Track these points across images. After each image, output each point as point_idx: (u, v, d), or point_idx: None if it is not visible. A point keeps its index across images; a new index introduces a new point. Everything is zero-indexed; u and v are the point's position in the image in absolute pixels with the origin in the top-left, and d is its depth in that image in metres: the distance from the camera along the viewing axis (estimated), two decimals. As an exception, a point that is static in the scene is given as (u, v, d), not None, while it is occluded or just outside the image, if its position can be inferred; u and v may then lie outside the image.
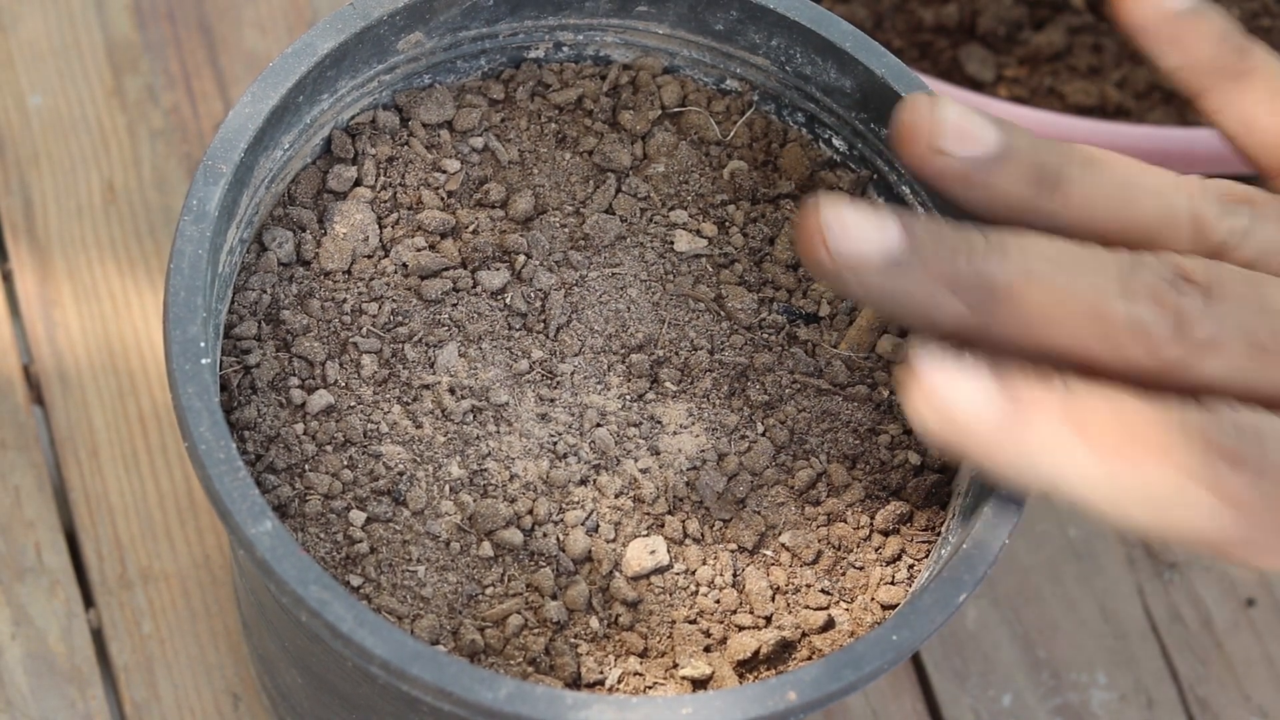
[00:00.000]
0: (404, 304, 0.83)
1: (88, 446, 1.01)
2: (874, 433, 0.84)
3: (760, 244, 0.87)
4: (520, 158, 0.87)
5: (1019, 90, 1.12)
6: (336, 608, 0.72)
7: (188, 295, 0.76)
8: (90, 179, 1.07)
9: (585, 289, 0.85)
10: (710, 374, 0.84)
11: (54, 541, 0.99)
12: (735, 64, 0.88)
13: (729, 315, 0.85)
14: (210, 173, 0.79)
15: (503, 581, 0.80)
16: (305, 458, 0.80)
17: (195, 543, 1.00)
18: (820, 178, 0.88)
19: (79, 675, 0.97)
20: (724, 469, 0.82)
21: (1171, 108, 1.12)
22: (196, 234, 0.77)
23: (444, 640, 0.78)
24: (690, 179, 0.88)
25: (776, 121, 0.89)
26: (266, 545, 0.73)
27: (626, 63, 0.89)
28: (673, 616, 0.80)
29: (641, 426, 0.83)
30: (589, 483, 0.81)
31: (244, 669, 0.98)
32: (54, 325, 1.03)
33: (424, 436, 0.81)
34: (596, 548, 0.80)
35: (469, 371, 0.82)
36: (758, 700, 0.73)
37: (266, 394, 0.81)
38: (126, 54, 1.10)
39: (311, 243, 0.84)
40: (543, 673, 0.78)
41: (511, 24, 0.87)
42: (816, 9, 0.86)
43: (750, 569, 0.81)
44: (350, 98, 0.85)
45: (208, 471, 0.74)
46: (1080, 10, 1.15)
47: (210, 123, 1.09)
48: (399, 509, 0.80)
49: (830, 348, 0.85)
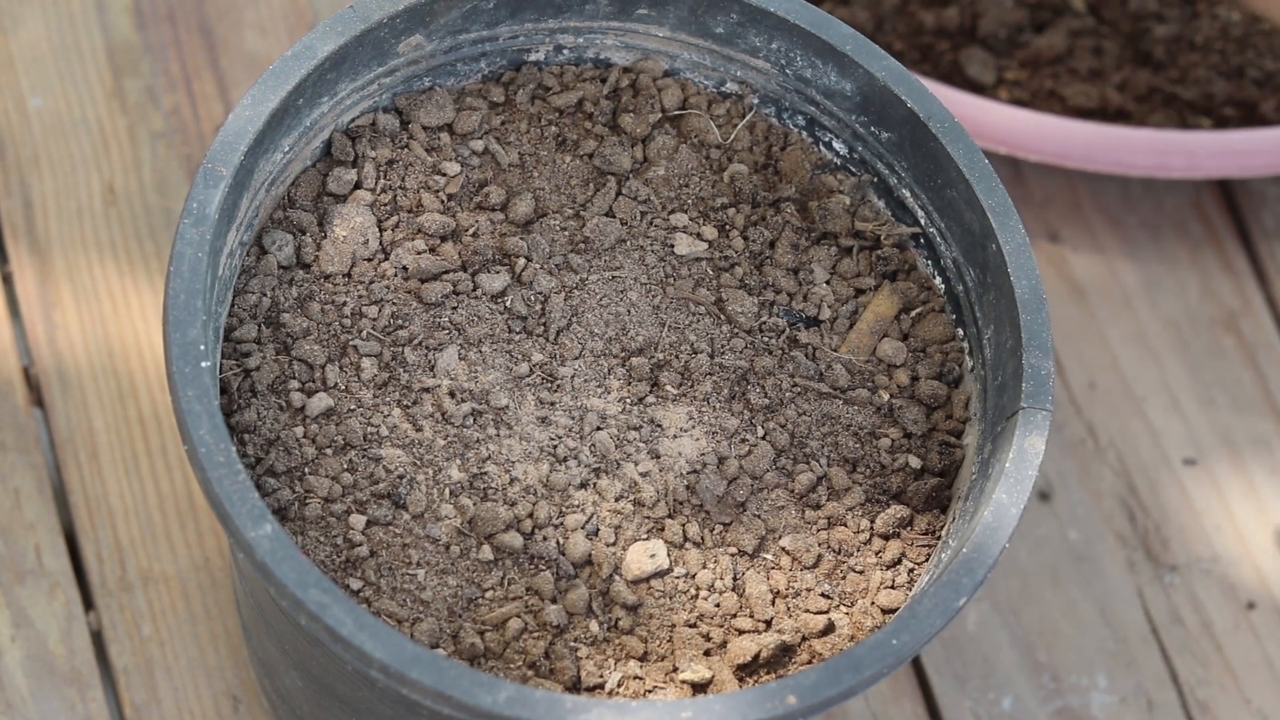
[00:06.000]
0: (404, 307, 0.83)
1: (88, 449, 1.01)
2: (874, 436, 0.84)
3: (761, 247, 0.87)
4: (520, 161, 0.87)
5: (1020, 93, 1.12)
6: (336, 611, 0.72)
7: (188, 298, 0.76)
8: (90, 181, 1.07)
9: (585, 292, 0.85)
10: (711, 377, 0.84)
11: (54, 544, 0.99)
12: (735, 67, 0.88)
13: (729, 319, 0.85)
14: (210, 175, 0.79)
15: (502, 585, 0.80)
16: (305, 461, 0.80)
17: (195, 545, 1.00)
18: (820, 181, 0.88)
19: (79, 677, 0.97)
20: (724, 472, 0.82)
21: (1172, 110, 1.12)
22: (196, 237, 0.77)
23: (444, 644, 0.78)
24: (690, 182, 0.88)
25: (777, 125, 0.89)
26: (266, 548, 0.73)
27: (627, 65, 0.89)
28: (673, 620, 0.80)
29: (642, 430, 0.83)
30: (589, 486, 0.81)
31: (244, 672, 0.98)
32: (54, 327, 1.03)
33: (424, 440, 0.81)
34: (596, 551, 0.80)
35: (469, 375, 0.82)
36: (758, 704, 0.73)
37: (266, 397, 0.81)
38: (127, 56, 1.10)
39: (311, 246, 0.84)
40: (542, 676, 0.78)
41: (512, 27, 0.87)
42: (817, 12, 0.86)
43: (750, 573, 0.81)
44: (350, 100, 0.85)
45: (207, 474, 0.74)
46: (1081, 13, 1.15)
47: (211, 125, 1.09)
48: (399, 512, 0.80)
49: (831, 351, 0.85)
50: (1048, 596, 1.04)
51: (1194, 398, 1.10)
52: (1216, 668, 1.04)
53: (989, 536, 0.77)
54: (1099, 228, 1.13)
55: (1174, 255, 1.13)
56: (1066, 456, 1.07)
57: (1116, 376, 1.10)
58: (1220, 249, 1.13)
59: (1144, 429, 1.09)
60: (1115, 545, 1.06)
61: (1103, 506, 1.07)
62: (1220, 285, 1.12)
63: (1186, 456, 1.08)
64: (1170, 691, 1.03)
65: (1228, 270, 1.13)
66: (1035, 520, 1.06)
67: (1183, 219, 1.14)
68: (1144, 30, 1.14)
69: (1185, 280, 1.12)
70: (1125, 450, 1.08)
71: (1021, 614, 1.04)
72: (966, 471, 0.83)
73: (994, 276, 0.83)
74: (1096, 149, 1.08)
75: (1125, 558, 1.06)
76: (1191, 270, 1.12)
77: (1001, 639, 1.03)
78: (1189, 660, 1.04)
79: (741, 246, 0.87)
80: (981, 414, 0.83)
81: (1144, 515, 1.07)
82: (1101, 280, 1.12)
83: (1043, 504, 1.06)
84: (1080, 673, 1.03)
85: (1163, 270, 1.12)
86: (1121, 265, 1.12)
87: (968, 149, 0.84)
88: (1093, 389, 1.09)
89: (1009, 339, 0.82)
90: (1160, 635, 1.04)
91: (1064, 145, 1.08)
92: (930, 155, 0.85)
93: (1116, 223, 1.13)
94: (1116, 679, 1.03)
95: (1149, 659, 1.04)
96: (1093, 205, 1.13)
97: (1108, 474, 1.07)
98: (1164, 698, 1.03)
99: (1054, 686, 1.02)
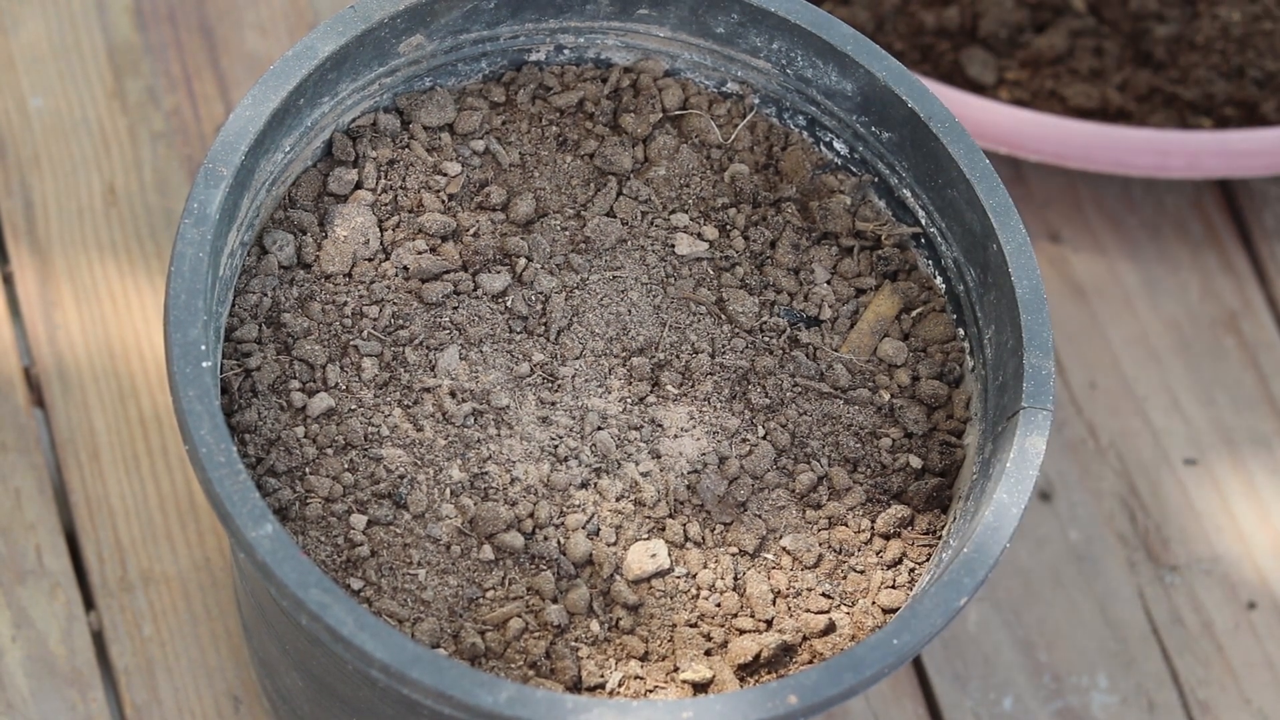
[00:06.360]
0: (405, 307, 0.83)
1: (88, 449, 1.01)
2: (875, 436, 0.84)
3: (762, 247, 0.87)
4: (521, 160, 0.87)
5: (1020, 93, 1.12)
6: (337, 611, 0.72)
7: (188, 298, 0.76)
8: (91, 181, 1.07)
9: (586, 292, 0.85)
10: (711, 377, 0.84)
11: (55, 544, 0.99)
12: (736, 67, 0.88)
13: (730, 319, 0.85)
14: (211, 175, 0.79)
15: (503, 585, 0.80)
16: (306, 461, 0.80)
17: (196, 545, 1.00)
18: (821, 181, 0.88)
19: (79, 678, 0.97)
20: (725, 472, 0.82)
21: (1173, 111, 1.12)
22: (197, 237, 0.77)
23: (444, 643, 0.78)
24: (691, 182, 0.88)
25: (778, 125, 0.89)
26: (267, 548, 0.73)
27: (628, 65, 0.89)
28: (673, 620, 0.80)
29: (643, 430, 0.83)
30: (590, 486, 0.81)
31: (245, 672, 0.98)
32: (55, 327, 1.03)
33: (425, 439, 0.81)
34: (597, 551, 0.80)
35: (470, 374, 0.82)
36: (758, 704, 0.73)
37: (267, 397, 0.81)
38: (127, 56, 1.10)
39: (312, 246, 0.84)
40: (543, 676, 0.78)
41: (512, 27, 0.87)
42: (817, 12, 0.86)
43: (751, 572, 0.81)
44: (351, 100, 0.85)
45: (208, 475, 0.74)
46: (1082, 13, 1.15)
47: (211, 125, 1.09)
48: (400, 512, 0.80)
49: (832, 351, 0.85)
50: (1048, 596, 1.04)
51: (1195, 398, 1.10)
52: (1217, 668, 1.04)
53: (990, 536, 0.77)
54: (1100, 228, 1.13)
55: (1175, 255, 1.13)
56: (1067, 456, 1.07)
57: (1117, 376, 1.10)
58: (1221, 249, 1.13)
59: (1145, 429, 1.09)
60: (1116, 545, 1.06)
61: (1103, 506, 1.07)
62: (1221, 285, 1.12)
63: (1187, 456, 1.08)
64: (1171, 692, 1.03)
65: (1228, 270, 1.13)
66: (1036, 520, 1.06)
67: (1183, 219, 1.14)
68: (1145, 30, 1.14)
69: (1186, 280, 1.12)
70: (1126, 450, 1.08)
71: (1022, 614, 1.04)
72: (967, 471, 0.83)
73: (995, 276, 0.83)
74: (1097, 149, 1.08)
75: (1126, 558, 1.06)
76: (1192, 270, 1.12)
77: (1002, 639, 1.03)
78: (1190, 660, 1.04)
79: (742, 246, 0.87)
80: (982, 414, 0.83)
81: (1145, 515, 1.07)
82: (1102, 280, 1.12)
83: (1043, 504, 1.06)
84: (1081, 673, 1.03)
85: (1163, 270, 1.12)
86: (1122, 265, 1.12)
87: (968, 149, 0.84)
88: (1093, 389, 1.09)
89: (1010, 339, 0.82)
90: (1161, 635, 1.04)
91: (1064, 145, 1.08)
92: (931, 155, 0.85)
93: (1117, 223, 1.13)
94: (1117, 679, 1.03)
95: (1150, 659, 1.04)
96: (1093, 205, 1.13)
97: (1108, 474, 1.07)
98: (1165, 698, 1.03)
99: (1055, 686, 1.02)
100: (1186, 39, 1.14)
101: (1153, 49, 1.13)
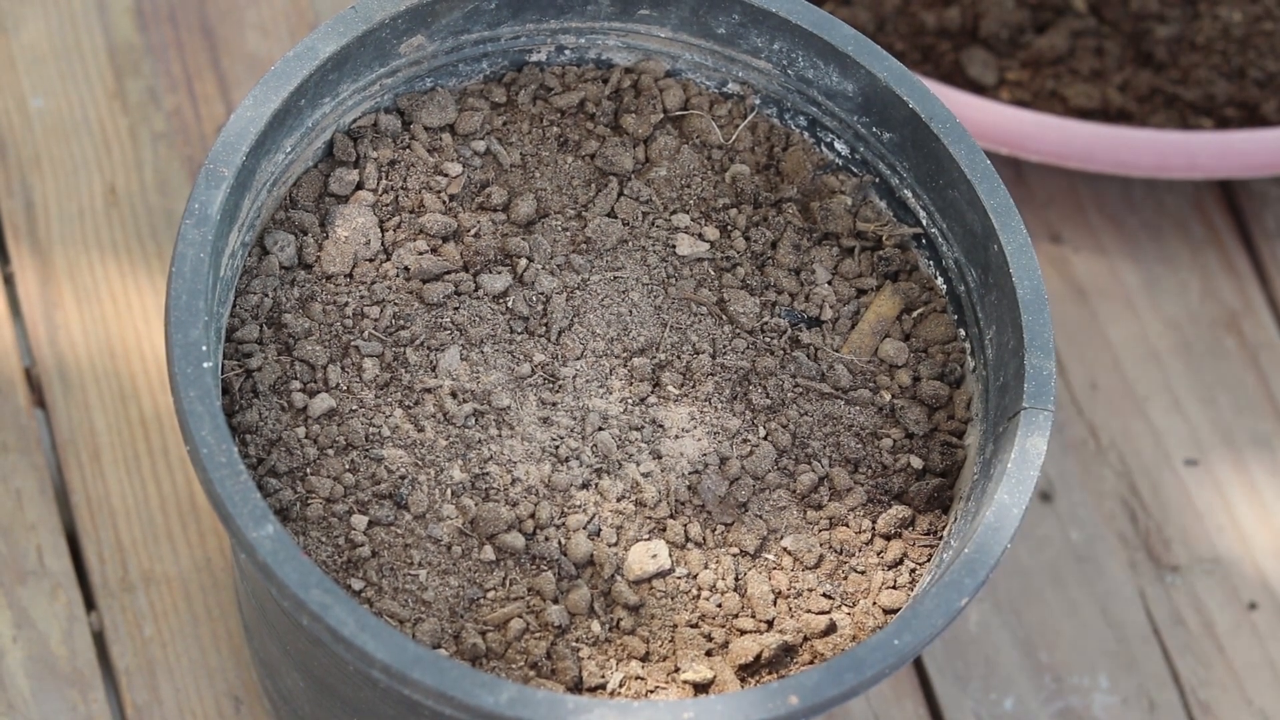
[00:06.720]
0: (405, 307, 0.83)
1: (89, 449, 1.01)
2: (876, 437, 0.84)
3: (763, 248, 0.87)
4: (522, 161, 0.87)
5: (1021, 93, 1.12)
6: (338, 611, 0.72)
7: (189, 299, 0.76)
8: (92, 181, 1.07)
9: (587, 292, 0.85)
10: (712, 378, 0.84)
11: (55, 544, 0.99)
12: (737, 67, 0.88)
13: (731, 319, 0.85)
14: (212, 176, 0.79)
15: (504, 585, 0.80)
16: (307, 461, 0.80)
17: (197, 546, 1.00)
18: (822, 181, 0.88)
19: (80, 678, 0.97)
20: (726, 473, 0.82)
21: (1174, 111, 1.12)
22: (198, 237, 0.77)
23: (445, 644, 0.78)
24: (692, 183, 0.88)
25: (778, 125, 0.89)
26: (268, 549, 0.73)
27: (629, 66, 0.89)
28: (674, 620, 0.80)
29: (643, 430, 0.83)
30: (591, 486, 0.81)
31: (245, 672, 0.98)
32: (55, 328, 1.03)
33: (426, 440, 0.81)
34: (598, 551, 0.80)
35: (471, 375, 0.82)
36: (759, 704, 0.73)
37: (268, 397, 0.81)
38: (128, 56, 1.10)
39: (313, 246, 0.84)
40: (544, 677, 0.78)
41: (513, 27, 0.87)
42: (818, 12, 0.86)
43: (752, 573, 0.81)
44: (352, 101, 0.85)
45: (209, 475, 0.74)
46: (1083, 14, 1.15)
47: (212, 125, 1.09)
48: (400, 513, 0.80)
49: (833, 352, 0.85)
50: (1049, 597, 1.04)
51: (1195, 398, 1.10)
52: (1218, 668, 1.04)
53: (991, 537, 0.77)
54: (1100, 228, 1.13)
55: (1175, 256, 1.13)
56: (1068, 457, 1.07)
57: (1118, 377, 1.10)
58: (1222, 249, 1.13)
59: (1145, 429, 1.09)
60: (1117, 546, 1.06)
61: (1104, 507, 1.07)
62: (1222, 286, 1.12)
63: (1188, 457, 1.08)
64: (1172, 692, 1.03)
65: (1229, 271, 1.13)
66: (1037, 521, 1.06)
67: (1184, 219, 1.14)
68: (1145, 31, 1.14)
69: (1187, 281, 1.12)
70: (1127, 451, 1.08)
71: (1023, 614, 1.04)
72: (968, 472, 0.83)
73: (996, 277, 0.83)
74: (1098, 149, 1.08)
75: (1127, 558, 1.06)
76: (1193, 271, 1.12)
77: (1003, 639, 1.03)
78: (1191, 661, 1.04)
79: (743, 247, 0.87)
80: (983, 414, 0.83)
81: (1145, 516, 1.07)
82: (1103, 281, 1.12)
83: (1044, 504, 1.06)
84: (1082, 673, 1.03)
85: (1164, 271, 1.12)
86: (1123, 266, 1.12)
87: (969, 149, 0.84)
88: (1094, 389, 1.09)
89: (1011, 339, 0.82)
90: (1162, 636, 1.04)
91: (1065, 146, 1.08)
92: (932, 156, 0.85)
93: (1118, 223, 1.13)
94: (1118, 679, 1.03)
95: (1151, 659, 1.04)
96: (1094, 206, 1.13)
97: (1109, 474, 1.07)
98: (1166, 698, 1.03)
99: (1055, 687, 1.02)
100: (1187, 39, 1.14)
101: (1154, 49, 1.13)
